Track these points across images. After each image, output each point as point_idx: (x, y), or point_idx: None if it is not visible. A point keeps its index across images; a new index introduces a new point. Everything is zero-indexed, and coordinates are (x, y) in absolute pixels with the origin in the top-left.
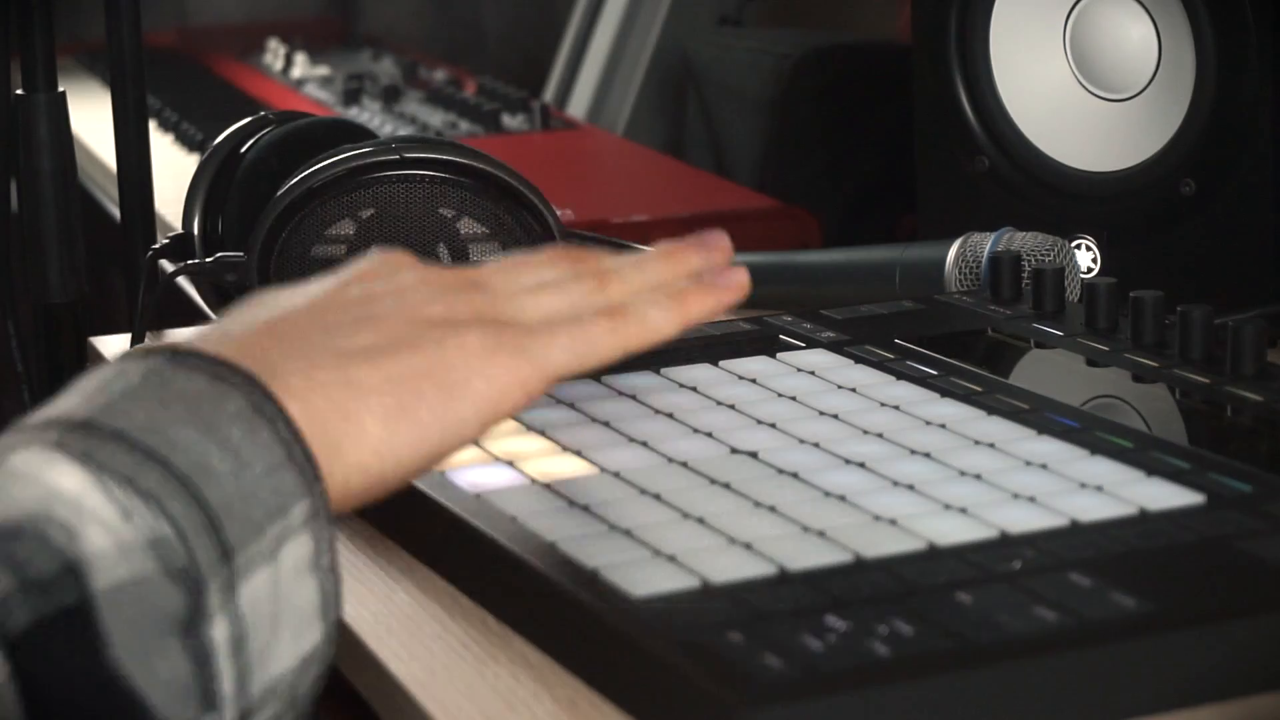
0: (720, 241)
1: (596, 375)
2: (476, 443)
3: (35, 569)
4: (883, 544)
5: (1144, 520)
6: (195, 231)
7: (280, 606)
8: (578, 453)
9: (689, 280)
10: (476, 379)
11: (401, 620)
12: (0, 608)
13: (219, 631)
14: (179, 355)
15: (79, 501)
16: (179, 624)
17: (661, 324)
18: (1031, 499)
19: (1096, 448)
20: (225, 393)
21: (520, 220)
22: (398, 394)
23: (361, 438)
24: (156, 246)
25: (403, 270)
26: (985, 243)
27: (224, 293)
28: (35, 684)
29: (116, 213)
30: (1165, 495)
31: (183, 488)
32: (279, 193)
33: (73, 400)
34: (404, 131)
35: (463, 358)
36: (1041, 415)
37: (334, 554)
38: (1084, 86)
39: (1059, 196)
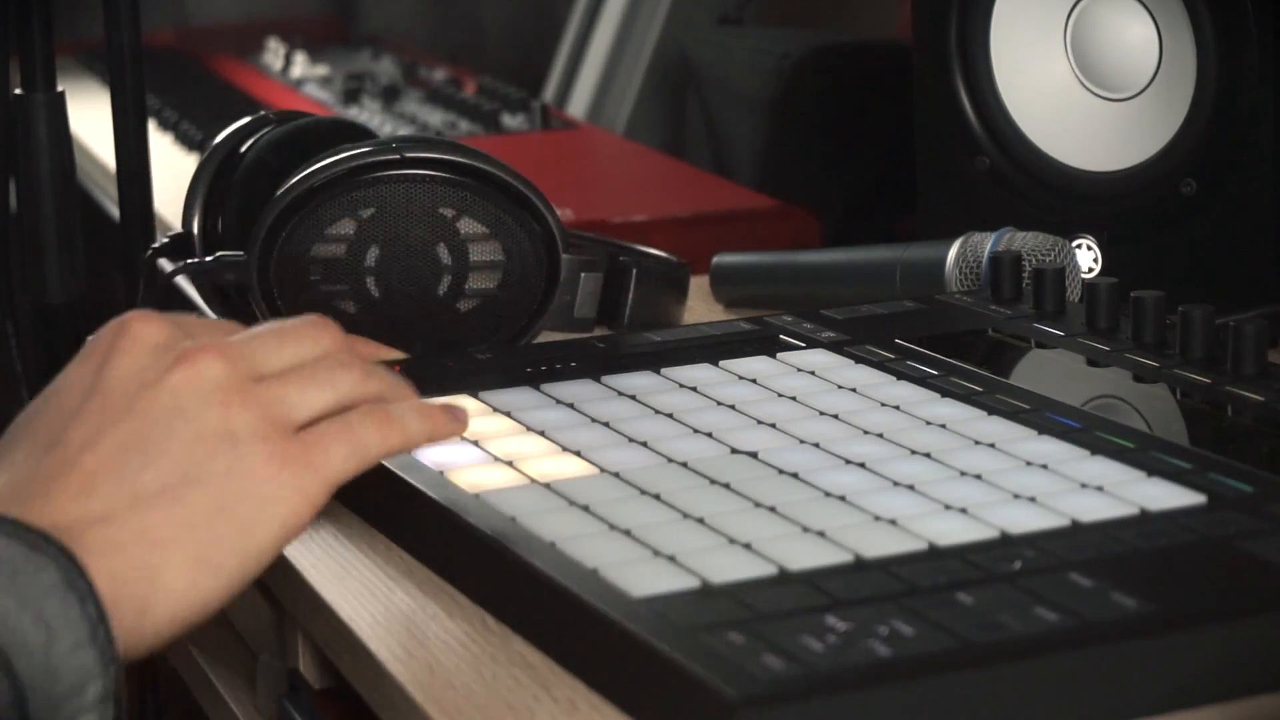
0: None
1: (595, 376)
2: (477, 444)
3: None
4: (883, 544)
5: (1145, 521)
6: (195, 231)
7: None
8: (578, 453)
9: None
10: (269, 507)
11: (401, 620)
12: None
13: None
14: None
15: None
16: None
17: (417, 433)
18: (1032, 499)
19: (1097, 448)
20: (41, 564)
21: (520, 220)
22: (196, 542)
23: (168, 594)
24: (156, 246)
25: (166, 359)
26: (986, 243)
27: (224, 292)
28: None
29: (116, 212)
30: (1166, 496)
31: (0, 660)
32: (279, 192)
33: None
34: (404, 131)
35: (251, 485)
36: (1042, 415)
37: None
38: (1085, 86)
39: (1059, 196)
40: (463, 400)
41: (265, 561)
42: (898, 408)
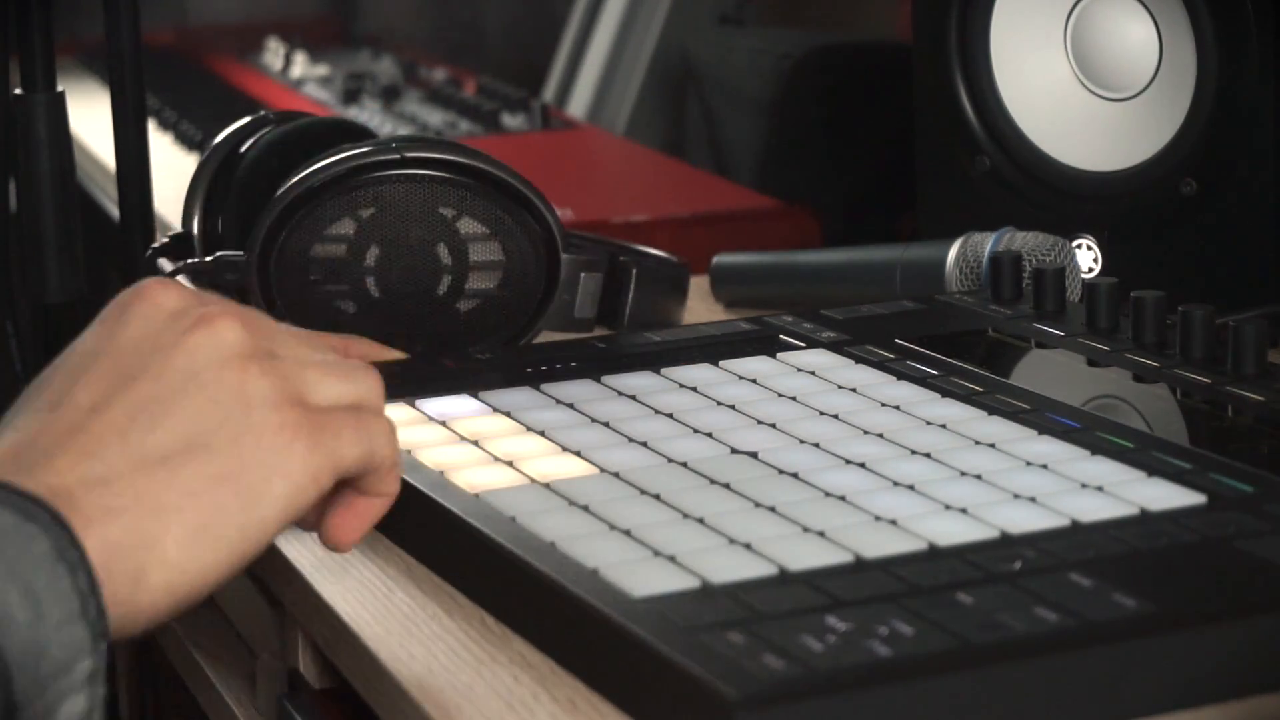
0: None
1: (595, 376)
2: (477, 444)
3: None
4: (883, 544)
5: (1145, 521)
6: (195, 231)
7: None
8: (578, 453)
9: None
10: (276, 479)
11: (401, 620)
12: None
13: None
14: None
15: None
16: None
17: (395, 451)
18: (1032, 499)
19: (1097, 448)
20: (32, 533)
21: (520, 220)
22: (198, 510)
23: (164, 562)
24: (156, 246)
25: (184, 322)
26: (986, 243)
27: (223, 292)
28: None
29: (116, 212)
30: (1166, 496)
31: None
32: (279, 192)
33: None
34: (404, 131)
35: (258, 454)
36: (1042, 415)
37: (103, 713)
38: (1085, 86)
39: (1060, 196)
40: (462, 401)
41: (265, 538)
42: (898, 408)
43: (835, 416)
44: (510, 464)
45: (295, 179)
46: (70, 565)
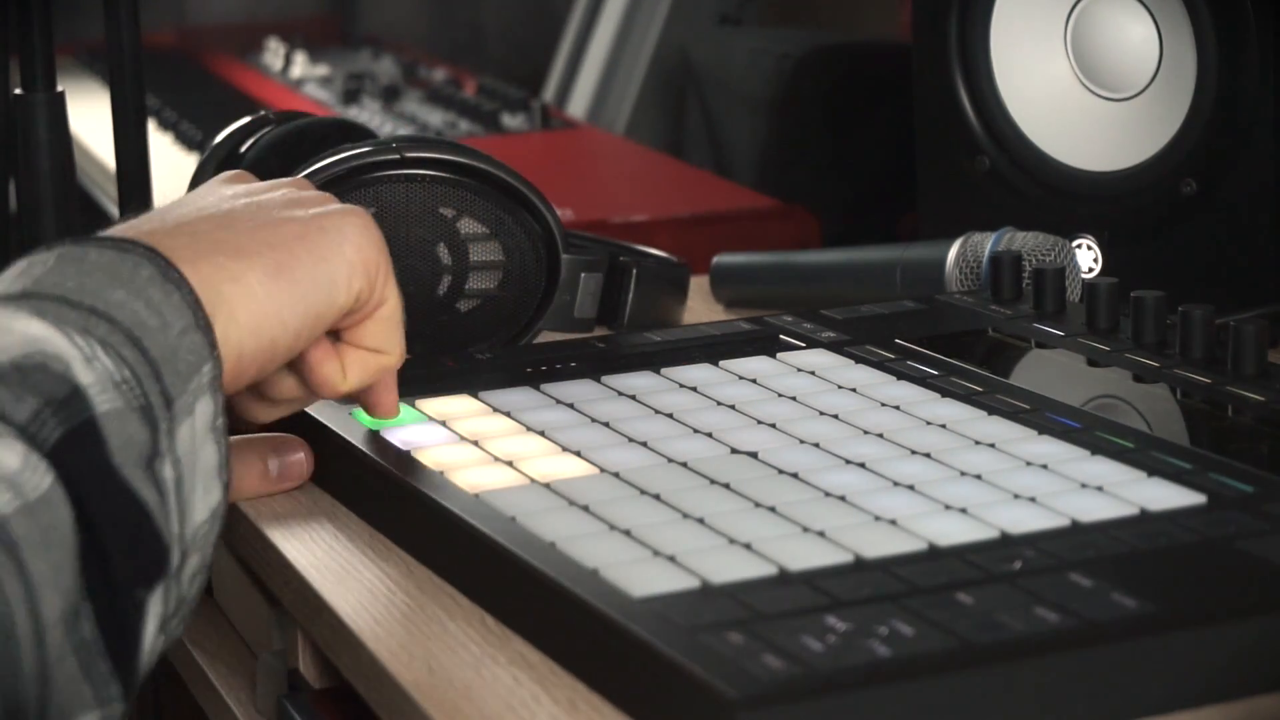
0: None
1: (595, 376)
2: (477, 444)
3: (52, 391)
4: (883, 544)
5: (1145, 521)
6: None
7: (196, 459)
8: (578, 453)
9: None
10: (345, 244)
11: (401, 620)
12: (36, 422)
13: (168, 471)
14: (80, 239)
15: (52, 344)
16: (144, 458)
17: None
18: (1032, 499)
19: (1097, 448)
20: (135, 261)
21: (520, 220)
22: (275, 255)
23: (249, 298)
24: None
25: (255, 183)
26: (986, 243)
27: None
28: (74, 490)
29: (116, 212)
30: (1166, 496)
31: (128, 338)
32: None
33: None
34: (404, 131)
35: (327, 226)
36: (1042, 415)
37: (227, 420)
38: (1085, 86)
39: (1059, 196)
40: (462, 401)
41: (336, 297)
42: (898, 408)
43: (835, 416)
44: (510, 464)
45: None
46: (175, 283)
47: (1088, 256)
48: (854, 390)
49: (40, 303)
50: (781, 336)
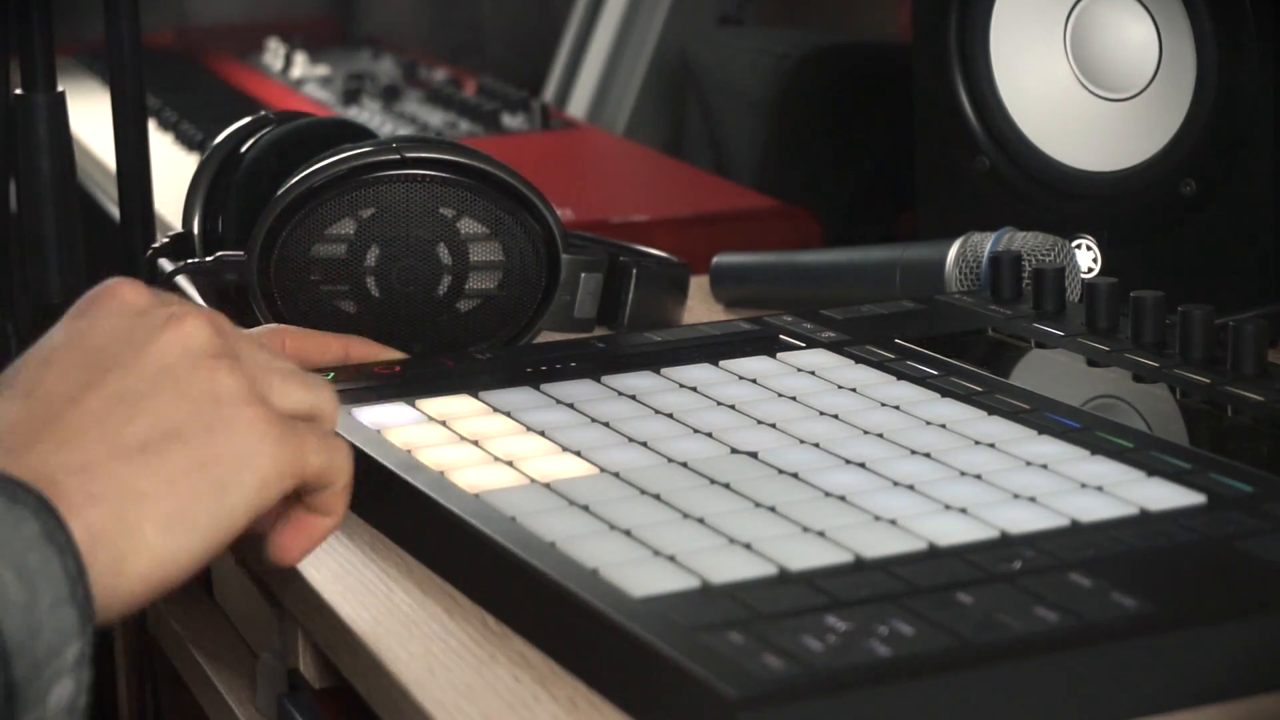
0: None
1: (595, 376)
2: (477, 444)
3: None
4: (883, 544)
5: (1145, 521)
6: (195, 231)
7: None
8: (578, 453)
9: None
10: (245, 472)
11: (401, 620)
12: None
13: None
14: None
15: None
16: None
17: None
18: (1032, 499)
19: (1097, 448)
20: (22, 516)
21: (520, 220)
22: (175, 497)
23: (142, 549)
24: (156, 246)
25: (154, 321)
26: (985, 243)
27: (224, 292)
28: None
29: (116, 212)
30: (1166, 496)
31: None
32: (279, 192)
33: None
34: (404, 131)
35: (231, 445)
36: (1042, 415)
37: (89, 698)
38: (1084, 86)
39: (1059, 196)
40: (462, 401)
41: (234, 528)
42: (898, 408)
43: (835, 416)
44: (510, 464)
45: (295, 179)
46: (59, 548)
47: (1087, 256)
48: (854, 390)
49: None
50: (781, 336)
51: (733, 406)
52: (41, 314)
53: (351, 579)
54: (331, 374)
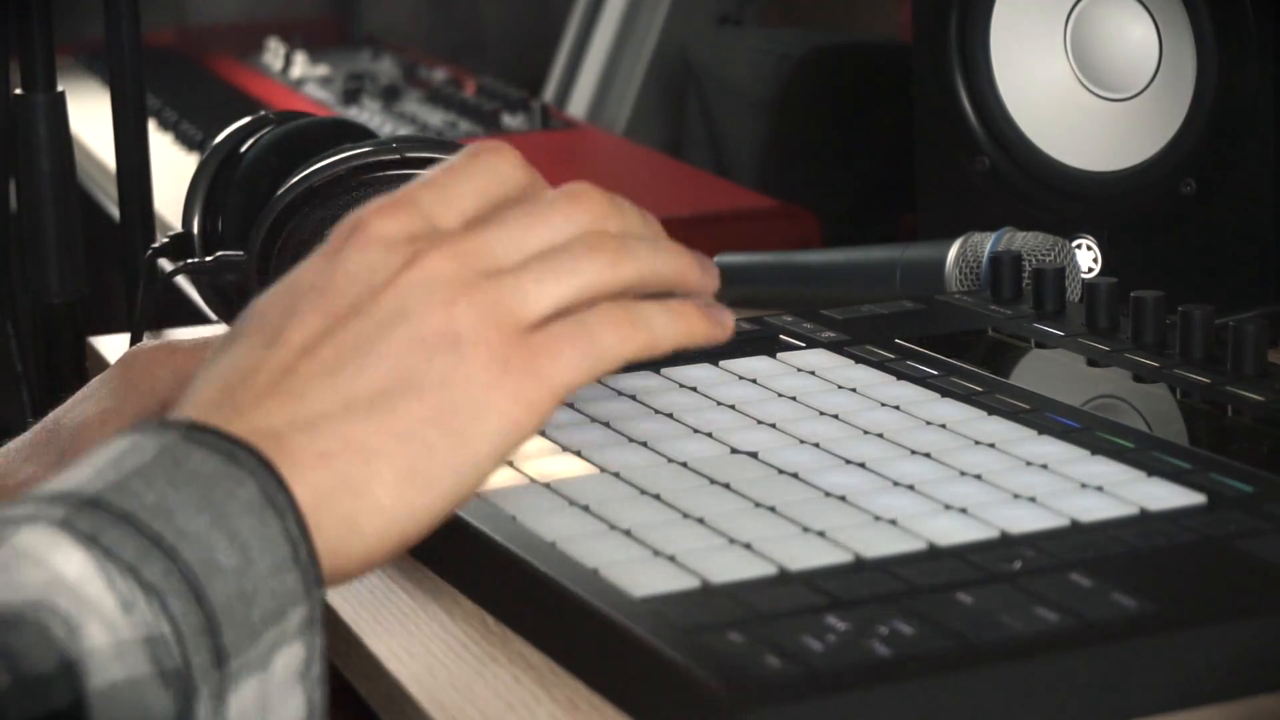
0: (714, 272)
1: None
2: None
3: (33, 665)
4: (883, 544)
5: (1145, 520)
6: (195, 231)
7: (266, 717)
8: (578, 453)
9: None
10: (487, 415)
11: (401, 620)
12: None
13: None
14: (193, 432)
15: (81, 590)
16: None
17: (665, 337)
18: (1032, 499)
19: (1097, 448)
20: (239, 478)
21: None
22: (408, 454)
23: (376, 510)
24: (156, 246)
25: (396, 259)
26: (985, 243)
27: (223, 292)
28: None
29: (116, 212)
30: (1166, 495)
31: (186, 584)
32: (279, 192)
33: (84, 473)
34: (404, 131)
35: (469, 393)
36: (1042, 415)
37: (324, 663)
38: (1085, 86)
39: (1059, 196)
40: None
41: (481, 478)
42: (898, 408)
43: (835, 416)
44: (510, 464)
45: (295, 179)
46: (279, 510)
47: (1088, 256)
48: (854, 390)
49: (100, 521)
50: (781, 336)
51: (733, 406)
52: (41, 314)
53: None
54: None
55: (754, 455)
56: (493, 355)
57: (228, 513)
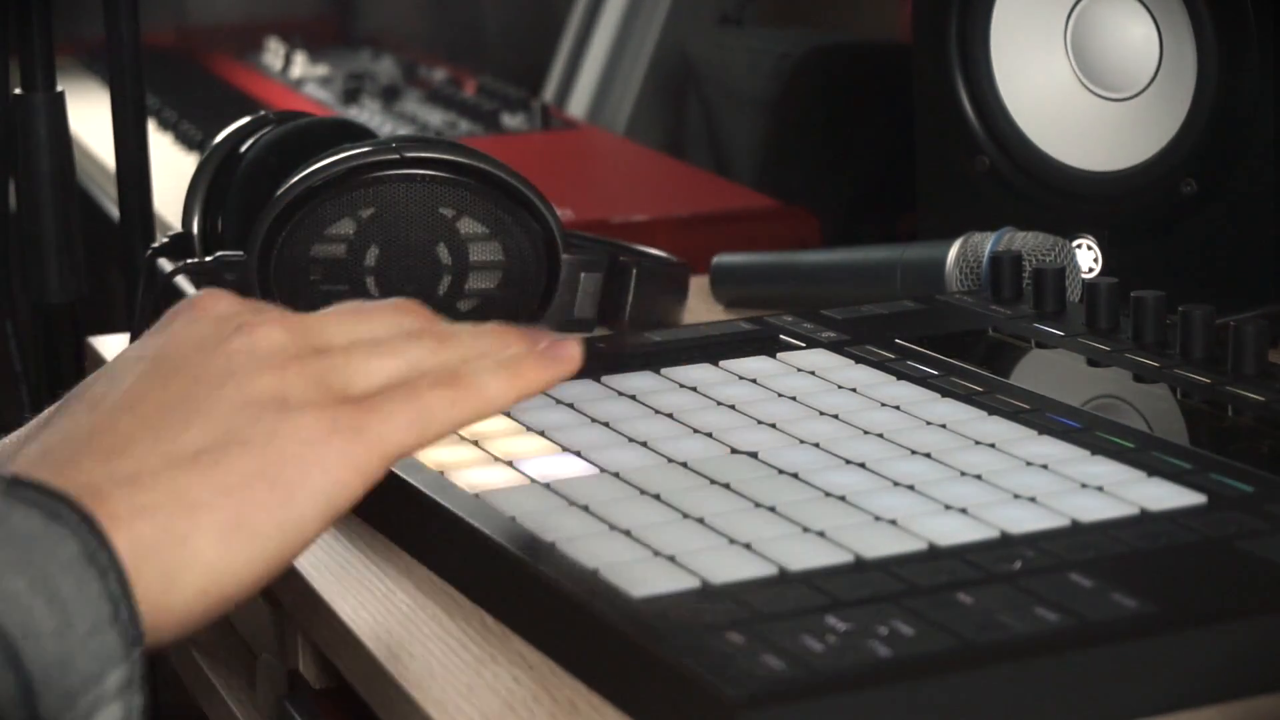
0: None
1: (595, 376)
2: (477, 444)
3: None
4: (883, 544)
5: (1145, 521)
6: (195, 231)
7: None
8: (578, 453)
9: (524, 350)
10: (314, 472)
11: (401, 620)
12: None
13: None
14: (15, 488)
15: None
16: None
17: (497, 395)
18: (1032, 499)
19: (1097, 448)
20: (60, 536)
21: (520, 220)
22: (232, 507)
23: (196, 562)
24: (156, 246)
25: (227, 328)
26: (986, 243)
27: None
28: None
29: (116, 212)
30: (1166, 496)
31: (4, 650)
32: (279, 192)
33: None
34: (404, 131)
35: (296, 449)
36: (1042, 415)
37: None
38: (1085, 86)
39: (1059, 196)
40: None
41: (306, 537)
42: (898, 408)
43: (835, 416)
44: (510, 464)
45: (295, 179)
46: (100, 569)
47: (1088, 256)
48: (854, 390)
49: None
50: (781, 336)
51: (733, 406)
52: (41, 314)
53: (351, 579)
54: None
55: (754, 455)
56: (321, 415)
57: (48, 573)
